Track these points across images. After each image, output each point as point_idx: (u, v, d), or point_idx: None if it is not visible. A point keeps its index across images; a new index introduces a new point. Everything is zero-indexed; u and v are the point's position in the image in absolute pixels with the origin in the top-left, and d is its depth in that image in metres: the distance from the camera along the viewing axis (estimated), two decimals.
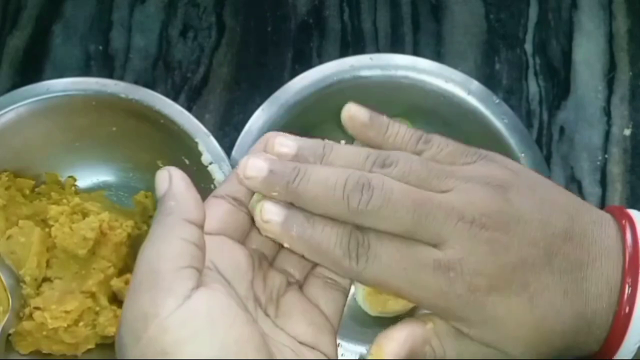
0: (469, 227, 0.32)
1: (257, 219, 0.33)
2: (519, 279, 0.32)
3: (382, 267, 0.32)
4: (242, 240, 0.35)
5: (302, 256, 0.33)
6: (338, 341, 0.50)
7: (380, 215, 0.31)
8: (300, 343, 0.33)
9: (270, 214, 0.32)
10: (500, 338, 0.32)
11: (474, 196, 0.32)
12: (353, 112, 0.37)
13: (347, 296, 0.36)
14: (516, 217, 0.33)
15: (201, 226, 0.30)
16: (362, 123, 0.37)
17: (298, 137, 0.36)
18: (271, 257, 0.36)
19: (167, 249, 0.29)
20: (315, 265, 0.36)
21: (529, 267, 0.32)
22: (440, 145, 0.36)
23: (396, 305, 0.56)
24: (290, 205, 0.33)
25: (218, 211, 0.34)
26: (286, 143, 0.35)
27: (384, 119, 0.37)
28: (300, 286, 0.36)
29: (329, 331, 0.34)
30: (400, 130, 0.36)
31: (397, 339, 0.32)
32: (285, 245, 0.33)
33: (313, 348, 0.33)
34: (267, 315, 0.33)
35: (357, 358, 0.51)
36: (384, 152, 0.34)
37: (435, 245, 0.32)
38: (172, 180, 0.31)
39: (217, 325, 0.27)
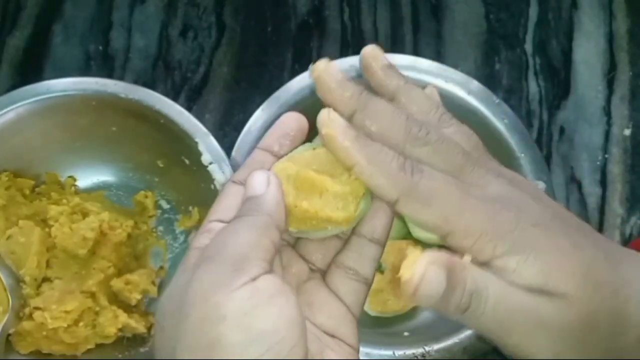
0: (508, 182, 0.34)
1: (322, 117, 0.34)
2: (560, 226, 0.33)
3: (436, 184, 0.32)
4: None
5: (355, 174, 0.33)
6: None
7: (435, 149, 0.33)
8: (324, 332, 0.34)
9: (335, 115, 0.34)
10: (543, 271, 0.31)
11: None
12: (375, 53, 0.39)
13: (369, 287, 0.36)
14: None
15: (282, 233, 0.33)
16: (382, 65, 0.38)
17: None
18: (292, 243, 0.37)
19: (259, 242, 0.31)
20: (336, 254, 0.36)
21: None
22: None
23: (396, 305, 0.56)
24: None
25: (238, 198, 0.34)
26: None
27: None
28: (322, 276, 0.36)
29: (350, 321, 0.35)
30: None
31: (435, 254, 0.31)
32: (341, 154, 0.33)
33: (335, 337, 0.34)
34: None
35: (358, 358, 0.51)
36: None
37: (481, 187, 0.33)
38: (270, 186, 0.33)
39: (275, 304, 0.29)
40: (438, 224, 0.33)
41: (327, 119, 0.34)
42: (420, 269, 0.30)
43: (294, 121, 0.37)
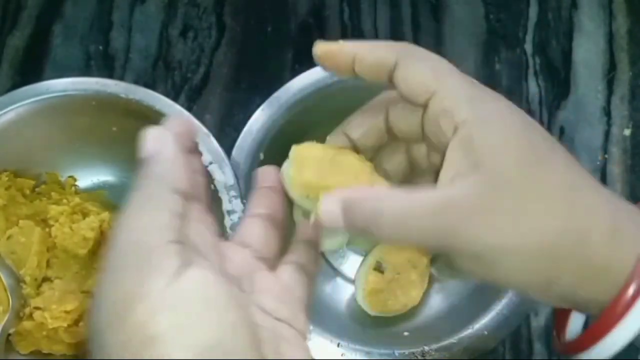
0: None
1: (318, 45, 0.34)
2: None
3: (429, 52, 0.34)
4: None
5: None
6: (338, 341, 0.50)
7: None
8: (276, 319, 0.30)
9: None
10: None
11: None
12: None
13: (314, 283, 0.34)
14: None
15: (186, 195, 0.28)
16: None
17: None
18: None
19: (154, 220, 0.26)
20: (282, 246, 0.35)
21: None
22: None
23: (396, 305, 0.56)
24: None
25: None
26: None
27: None
28: (271, 267, 0.34)
29: (301, 309, 0.32)
30: None
31: (332, 193, 0.32)
32: (342, 56, 0.34)
33: (289, 325, 0.31)
34: (242, 290, 0.31)
35: (359, 358, 0.51)
36: None
37: None
38: (163, 143, 0.30)
39: (213, 308, 0.25)
40: (428, 79, 0.32)
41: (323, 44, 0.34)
42: (321, 207, 0.31)
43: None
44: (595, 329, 0.31)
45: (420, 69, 0.32)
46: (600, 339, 0.31)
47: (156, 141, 0.30)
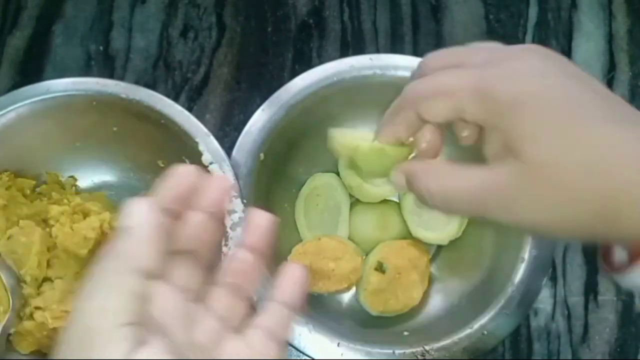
0: None
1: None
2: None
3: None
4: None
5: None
6: (338, 341, 0.50)
7: None
8: None
9: None
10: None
11: None
12: None
13: (285, 346, 0.33)
14: None
15: (150, 273, 0.28)
16: None
17: None
18: (200, 293, 0.32)
19: (107, 303, 0.26)
20: (250, 313, 0.33)
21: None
22: None
23: (397, 305, 0.56)
24: None
25: None
26: None
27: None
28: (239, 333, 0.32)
29: None
30: None
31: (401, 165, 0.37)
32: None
33: None
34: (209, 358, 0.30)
35: (358, 358, 0.51)
36: None
37: None
38: (138, 217, 0.29)
39: None
40: (446, 102, 0.34)
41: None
42: (391, 177, 0.37)
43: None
44: None
45: (434, 106, 0.35)
46: None
47: (131, 215, 0.29)
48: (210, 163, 0.54)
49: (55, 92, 0.55)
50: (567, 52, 0.67)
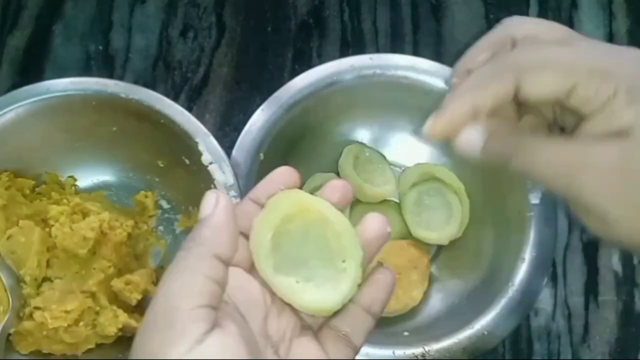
0: None
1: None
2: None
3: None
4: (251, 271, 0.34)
5: None
6: None
7: None
8: None
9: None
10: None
11: None
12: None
13: (356, 353, 0.34)
14: None
15: (229, 263, 0.29)
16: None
17: None
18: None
19: (188, 285, 0.28)
20: (331, 317, 0.34)
21: None
22: None
23: (397, 305, 0.56)
24: None
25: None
26: None
27: None
28: (315, 334, 0.34)
29: None
30: None
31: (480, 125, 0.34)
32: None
33: None
34: (277, 354, 0.32)
35: (359, 358, 0.51)
36: None
37: None
38: (216, 208, 0.30)
39: None
40: (558, 85, 0.32)
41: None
42: (464, 133, 0.34)
43: (285, 176, 0.35)
44: None
45: (545, 79, 0.32)
46: None
47: (209, 205, 0.30)
48: (210, 163, 0.54)
49: (55, 92, 0.55)
50: None
